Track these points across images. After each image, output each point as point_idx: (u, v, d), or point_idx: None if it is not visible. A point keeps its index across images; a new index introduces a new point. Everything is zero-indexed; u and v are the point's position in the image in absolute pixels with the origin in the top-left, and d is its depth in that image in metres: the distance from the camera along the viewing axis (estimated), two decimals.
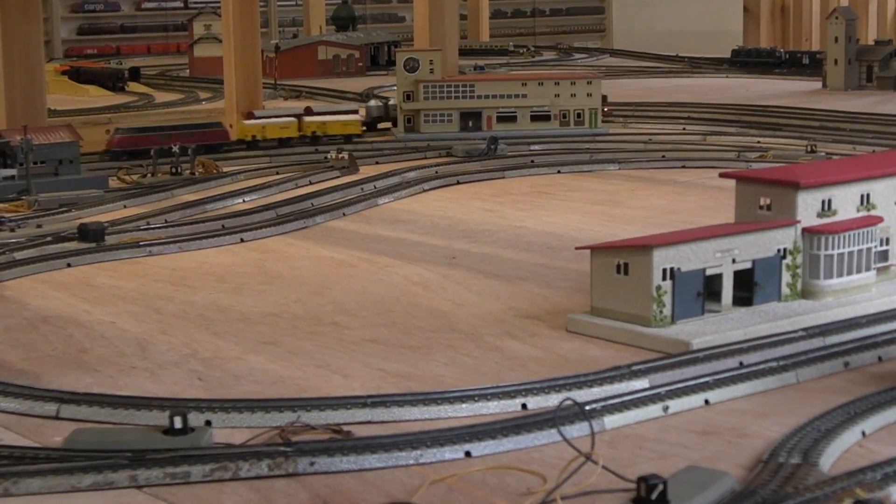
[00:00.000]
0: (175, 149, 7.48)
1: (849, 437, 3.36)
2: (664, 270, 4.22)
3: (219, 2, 10.64)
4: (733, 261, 4.38)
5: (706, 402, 3.69)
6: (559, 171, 7.52)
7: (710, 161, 7.57)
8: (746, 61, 12.74)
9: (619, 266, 4.30)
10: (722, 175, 5.08)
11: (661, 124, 9.07)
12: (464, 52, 12.06)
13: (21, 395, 3.75)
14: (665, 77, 12.45)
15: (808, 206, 4.52)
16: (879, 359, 4.02)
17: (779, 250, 4.47)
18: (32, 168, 6.73)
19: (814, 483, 3.03)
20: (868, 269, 4.62)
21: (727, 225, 4.60)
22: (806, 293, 4.52)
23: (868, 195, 4.66)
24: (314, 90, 11.57)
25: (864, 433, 3.41)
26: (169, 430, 3.37)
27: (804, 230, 4.50)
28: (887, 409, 3.52)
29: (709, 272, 4.33)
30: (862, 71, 10.68)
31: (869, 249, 4.61)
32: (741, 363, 3.93)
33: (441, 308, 4.77)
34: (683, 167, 7.59)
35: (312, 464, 3.23)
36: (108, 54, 15.78)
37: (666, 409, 3.62)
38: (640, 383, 3.77)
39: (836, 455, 3.26)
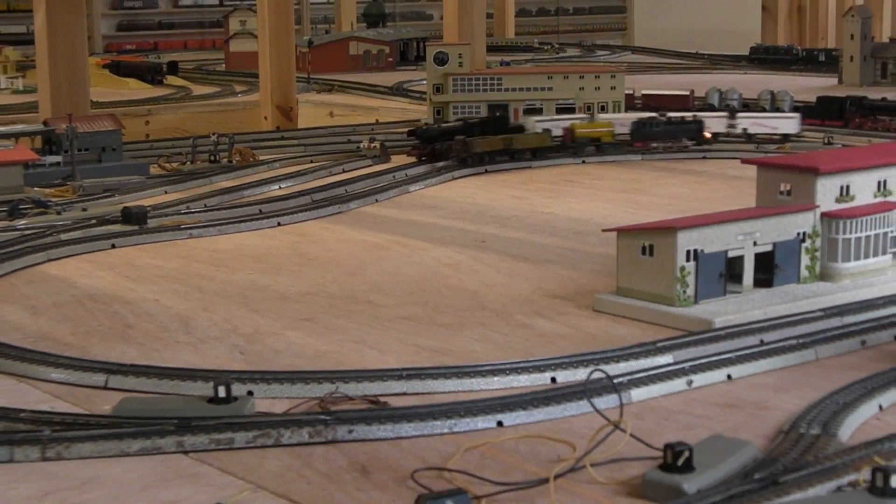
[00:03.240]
0: (213, 137, 7.52)
1: (866, 410, 3.39)
2: (688, 252, 4.24)
3: None
4: (754, 243, 4.40)
5: (728, 377, 3.71)
6: (584, 161, 7.54)
7: (730, 152, 7.58)
8: (764, 58, 12.75)
9: (644, 248, 4.32)
10: (744, 161, 5.10)
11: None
12: (490, 49, 12.08)
13: (71, 367, 3.79)
14: (685, 73, 12.44)
15: (826, 192, 4.53)
16: (895, 338, 4.05)
17: (798, 234, 4.49)
18: (77, 155, 6.77)
19: (833, 452, 3.06)
20: (885, 252, 4.63)
21: (749, 209, 4.62)
22: (824, 275, 4.53)
23: (885, 182, 4.68)
24: (346, 84, 11.59)
25: (881, 407, 3.44)
26: (213, 399, 3.40)
27: (823, 214, 4.52)
28: None
29: (731, 254, 4.35)
30: (877, 67, 10.69)
31: (885, 234, 4.63)
32: (762, 341, 3.96)
33: (472, 288, 4.80)
34: (704, 158, 7.60)
35: (351, 431, 3.26)
36: (147, 50, 15.82)
37: (690, 383, 3.64)
38: (665, 359, 3.79)
39: (854, 427, 3.29)
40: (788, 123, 7.55)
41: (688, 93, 8.63)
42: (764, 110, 7.92)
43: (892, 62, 10.64)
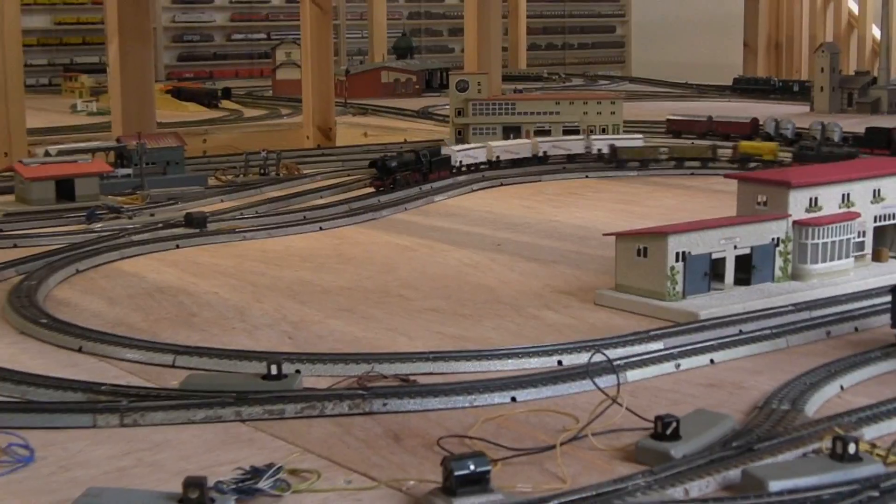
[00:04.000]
0: (263, 153, 7.58)
1: (829, 389, 3.43)
2: (677, 254, 4.29)
3: (298, 33, 10.72)
4: (735, 247, 4.44)
5: (711, 361, 3.76)
6: (587, 176, 7.58)
7: (715, 169, 7.62)
8: (746, 88, 12.73)
9: (639, 250, 4.37)
10: (727, 176, 5.16)
11: (675, 139, 9.09)
12: (505, 78, 12.08)
13: (143, 348, 3.85)
14: (676, 100, 12.45)
15: (798, 203, 4.58)
16: (856, 329, 4.09)
17: (773, 239, 4.52)
18: (145, 168, 6.84)
19: (800, 425, 3.11)
20: (847, 256, 4.66)
21: (730, 217, 4.66)
22: (795, 275, 4.57)
23: (848, 194, 4.71)
24: (378, 108, 11.64)
25: (842, 387, 3.48)
26: (266, 377, 3.45)
27: (795, 222, 4.55)
28: (861, 368, 3.60)
29: (714, 256, 4.38)
30: (844, 97, 10.69)
31: (848, 240, 4.66)
32: (740, 331, 4.00)
33: (489, 284, 4.85)
34: (692, 174, 7.63)
35: (385, 405, 3.32)
36: (203, 77, 15.86)
37: (678, 366, 3.70)
38: (657, 345, 3.84)
39: (818, 404, 3.33)
40: (636, 142, 7.70)
41: (749, 120, 8.52)
42: (814, 139, 7.81)
43: (857, 92, 10.65)
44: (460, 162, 6.96)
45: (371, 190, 6.81)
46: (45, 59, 15.25)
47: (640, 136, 7.72)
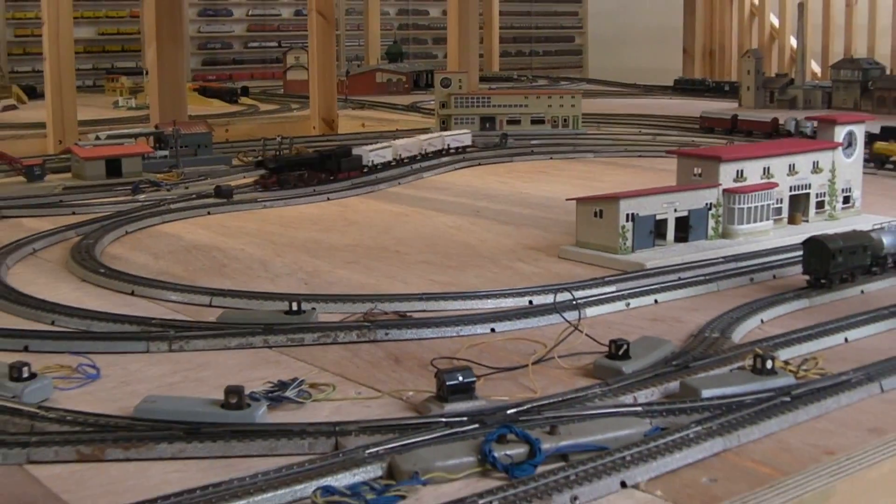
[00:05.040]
0: (278, 139, 7.64)
1: (752, 322, 3.55)
2: (627, 215, 4.39)
3: (306, 41, 10.76)
4: (675, 210, 4.54)
5: (655, 301, 3.87)
6: (551, 158, 7.67)
7: (659, 152, 7.71)
8: (685, 88, 12.80)
9: (596, 212, 4.46)
10: (668, 152, 5.25)
11: (624, 128, 9.18)
12: (481, 79, 12.15)
13: (185, 291, 3.94)
14: (626, 98, 12.54)
15: (727, 174, 4.67)
16: (774, 276, 4.19)
17: (707, 204, 4.62)
18: (180, 150, 6.91)
19: (728, 348, 3.23)
20: (767, 219, 4.77)
21: (671, 186, 4.76)
22: (724, 234, 4.66)
23: (768, 168, 4.82)
24: (374, 103, 11.70)
25: (762, 320, 3.59)
26: (288, 312, 3.56)
27: (724, 190, 4.65)
28: (778, 306, 3.71)
29: (658, 217, 4.48)
30: (766, 95, 10.75)
31: (768, 205, 4.76)
32: (679, 278, 4.10)
33: (470, 242, 4.93)
34: (640, 156, 7.73)
35: (387, 334, 3.42)
36: (224, 79, 15.86)
37: (628, 304, 3.81)
38: (610, 289, 3.94)
39: (743, 333, 3.44)
40: (465, 138, 7.49)
41: (770, 119, 8.28)
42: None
43: (777, 91, 10.72)
44: (372, 161, 6.66)
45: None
46: (90, 64, 15.25)
47: (468, 132, 7.64)
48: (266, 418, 2.70)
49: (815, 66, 13.78)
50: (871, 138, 6.81)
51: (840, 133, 5.08)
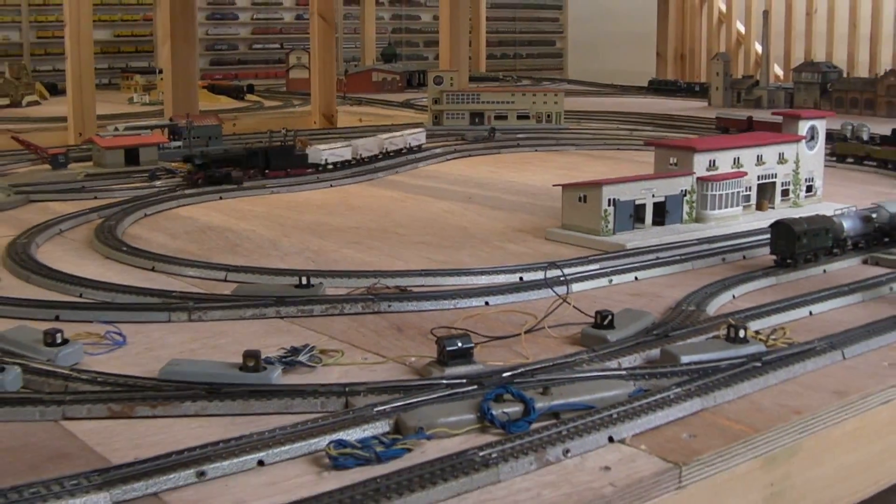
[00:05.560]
0: (283, 131, 7.65)
1: (724, 297, 3.58)
2: (609, 200, 4.42)
3: (306, 42, 10.76)
4: (653, 196, 4.57)
5: (636, 278, 3.90)
6: (536, 150, 7.67)
7: (636, 145, 7.75)
8: (658, 88, 12.81)
9: (580, 197, 4.49)
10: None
11: (603, 124, 9.19)
12: (469, 79, 12.14)
13: (201, 267, 3.96)
14: (604, 97, 12.54)
15: (700, 164, 4.70)
16: (744, 257, 4.23)
17: (682, 191, 4.65)
18: (193, 141, 6.92)
19: (703, 319, 3.26)
20: (737, 205, 4.79)
21: (649, 174, 4.79)
22: (698, 219, 4.68)
23: (738, 158, 4.85)
24: (370, 100, 11.71)
25: (734, 296, 3.63)
26: (298, 286, 3.58)
27: (698, 178, 4.69)
28: (748, 282, 3.75)
29: (637, 202, 4.51)
30: (734, 95, 10.78)
31: (738, 192, 4.79)
32: (657, 257, 4.13)
33: (463, 226, 4.96)
34: (618, 149, 7.75)
35: (389, 306, 3.45)
36: (230, 79, 15.83)
37: (610, 281, 3.84)
38: (594, 266, 3.97)
39: (716, 306, 3.48)
40: (420, 137, 7.21)
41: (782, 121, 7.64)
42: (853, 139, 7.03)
43: (744, 91, 10.75)
44: (325, 160, 6.30)
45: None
46: (105, 64, 15.21)
47: (423, 131, 7.33)
48: (281, 380, 2.73)
49: (778, 70, 13.80)
50: (882, 140, 6.75)
51: (804, 127, 5.11)
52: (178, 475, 2.15)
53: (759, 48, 14.18)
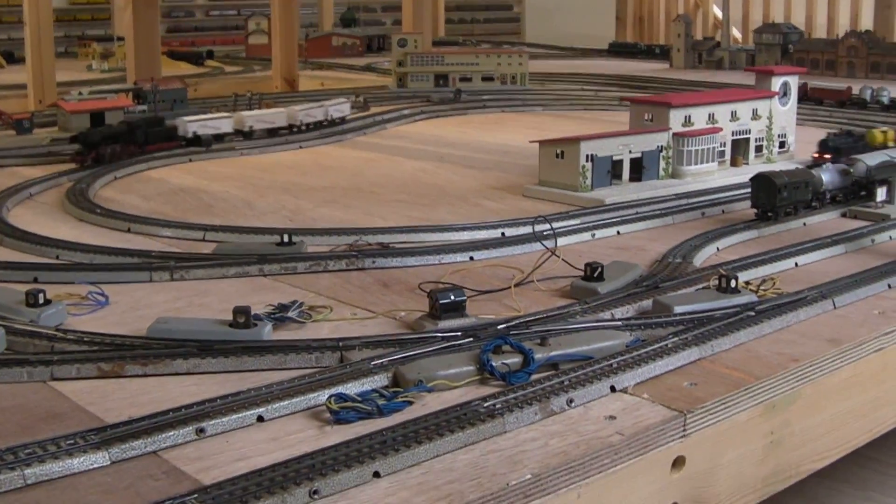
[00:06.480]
0: (248, 94, 7.58)
1: (709, 249, 3.57)
2: (587, 156, 4.39)
3: (263, 8, 10.64)
4: (630, 152, 4.55)
5: (618, 232, 3.88)
6: (503, 111, 7.63)
7: (603, 105, 7.73)
8: (618, 51, 12.74)
9: (557, 153, 4.46)
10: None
11: (567, 85, 9.15)
12: None
13: (179, 227, 3.90)
14: (565, 59, 12.49)
15: (676, 119, 4.68)
16: (723, 211, 4.21)
17: (658, 146, 4.63)
18: (158, 104, 6.82)
19: (691, 271, 3.24)
20: (713, 160, 4.78)
21: (626, 130, 4.76)
22: (674, 174, 4.66)
23: (713, 114, 4.83)
24: (332, 65, 11.61)
25: (718, 248, 3.61)
26: (280, 243, 3.53)
27: (674, 134, 4.66)
28: (731, 235, 3.73)
29: (615, 158, 4.49)
30: (695, 56, 10.76)
31: (713, 148, 4.78)
32: (637, 212, 4.11)
33: (439, 184, 4.91)
34: (585, 109, 7.71)
35: (374, 262, 3.40)
36: (187, 46, 15.65)
37: (593, 235, 3.81)
38: (576, 221, 3.94)
39: (702, 259, 3.46)
40: (344, 108, 6.70)
41: (845, 87, 7.28)
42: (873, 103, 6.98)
43: (705, 53, 10.73)
44: (194, 132, 5.71)
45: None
46: (62, 32, 15.00)
47: (347, 101, 6.86)
48: (272, 336, 2.67)
49: (736, 33, 13.78)
50: None
51: (776, 83, 5.09)
52: (177, 432, 2.09)
53: (717, 12, 14.17)
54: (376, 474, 1.92)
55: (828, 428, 2.63)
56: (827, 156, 4.76)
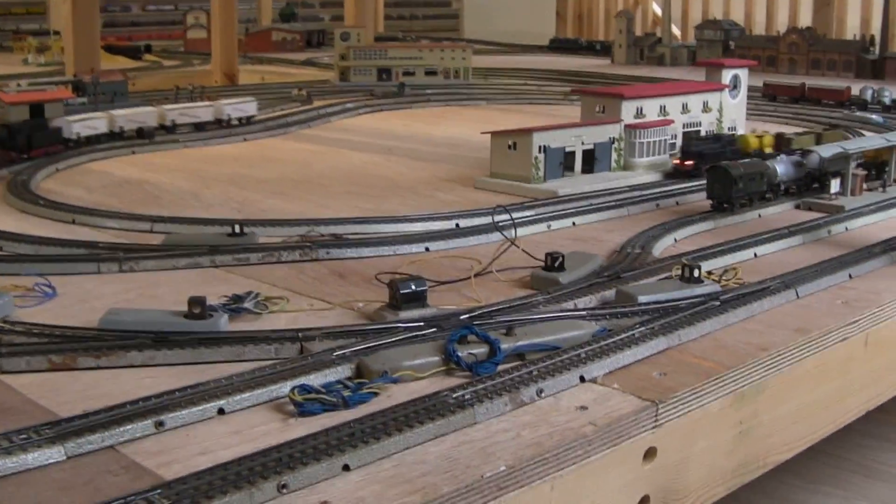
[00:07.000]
0: (190, 87, 7.46)
1: (667, 240, 3.53)
2: (540, 147, 4.35)
3: (203, 2, 10.52)
4: (582, 143, 4.51)
5: (573, 223, 3.83)
6: (448, 104, 7.57)
7: (547, 99, 7.70)
8: (559, 47, 12.72)
9: (510, 144, 4.41)
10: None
11: (510, 80, 9.13)
12: None
13: (125, 218, 3.80)
14: (506, 55, 12.44)
15: (628, 111, 4.65)
16: (677, 203, 4.19)
17: (610, 138, 4.60)
18: (98, 97, 6.68)
19: (651, 261, 3.20)
20: (664, 152, 4.76)
21: (577, 122, 4.72)
22: (626, 166, 4.64)
23: (664, 106, 4.81)
24: (272, 59, 11.48)
25: (675, 239, 3.58)
26: (231, 234, 3.44)
27: (626, 126, 4.64)
28: (687, 227, 3.70)
29: (567, 149, 4.45)
30: (637, 52, 10.79)
31: (665, 140, 4.76)
32: (592, 203, 4.07)
33: (388, 176, 4.84)
34: (530, 103, 7.67)
35: (328, 253, 3.33)
36: (123, 41, 15.45)
37: (549, 226, 3.76)
38: (531, 213, 3.89)
39: (661, 249, 3.43)
40: (249, 107, 6.27)
41: (845, 87, 7.11)
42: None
43: (646, 49, 10.75)
44: (78, 134, 5.34)
45: None
46: None
47: (253, 101, 6.43)
48: (228, 327, 2.59)
49: (676, 30, 13.83)
50: None
51: (727, 76, 5.07)
52: (135, 426, 2.01)
53: (656, 9, 14.21)
54: (346, 467, 1.85)
55: (795, 419, 2.59)
56: (688, 162, 4.52)
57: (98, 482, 1.84)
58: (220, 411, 2.10)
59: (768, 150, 4.63)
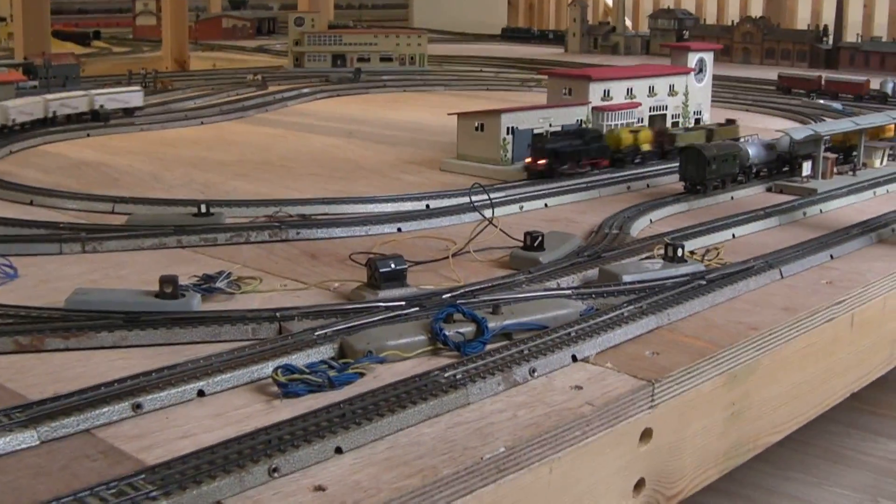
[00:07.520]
0: (143, 71, 7.32)
1: (642, 221, 3.46)
2: (507, 128, 4.26)
3: None
4: (550, 125, 4.43)
5: (546, 205, 3.75)
6: (405, 90, 7.48)
7: (505, 86, 7.62)
8: (511, 36, 12.67)
9: (477, 126, 4.32)
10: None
11: (465, 66, 9.05)
12: None
13: (85, 199, 3.68)
14: (459, 44, 12.36)
15: (595, 93, 4.58)
16: (647, 185, 4.12)
17: (578, 120, 4.52)
18: (50, 80, 6.53)
19: (629, 241, 3.12)
20: None
21: (545, 104, 4.65)
22: None
23: (631, 89, 4.74)
24: (224, 46, 11.34)
25: (651, 220, 3.51)
26: (197, 214, 3.33)
27: (593, 108, 4.56)
28: (662, 208, 3.64)
29: (535, 131, 4.36)
30: (590, 41, 10.75)
31: (631, 122, 4.69)
32: (563, 185, 3.98)
33: (352, 158, 4.74)
34: (487, 89, 7.58)
35: (298, 233, 3.22)
36: (71, 28, 15.21)
37: (521, 207, 3.68)
38: (501, 194, 3.80)
39: (638, 230, 3.36)
40: (134, 98, 5.82)
41: (864, 80, 6.83)
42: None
43: (600, 38, 10.71)
44: (13, 120, 5.03)
45: None
46: None
47: (139, 91, 5.98)
48: (201, 307, 2.48)
49: (627, 21, 13.80)
50: None
51: (692, 59, 5.01)
52: (111, 408, 1.89)
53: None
54: (338, 450, 1.75)
55: (784, 399, 2.53)
56: (541, 161, 4.07)
57: (75, 468, 1.73)
58: (200, 393, 1.99)
59: (645, 147, 4.42)
